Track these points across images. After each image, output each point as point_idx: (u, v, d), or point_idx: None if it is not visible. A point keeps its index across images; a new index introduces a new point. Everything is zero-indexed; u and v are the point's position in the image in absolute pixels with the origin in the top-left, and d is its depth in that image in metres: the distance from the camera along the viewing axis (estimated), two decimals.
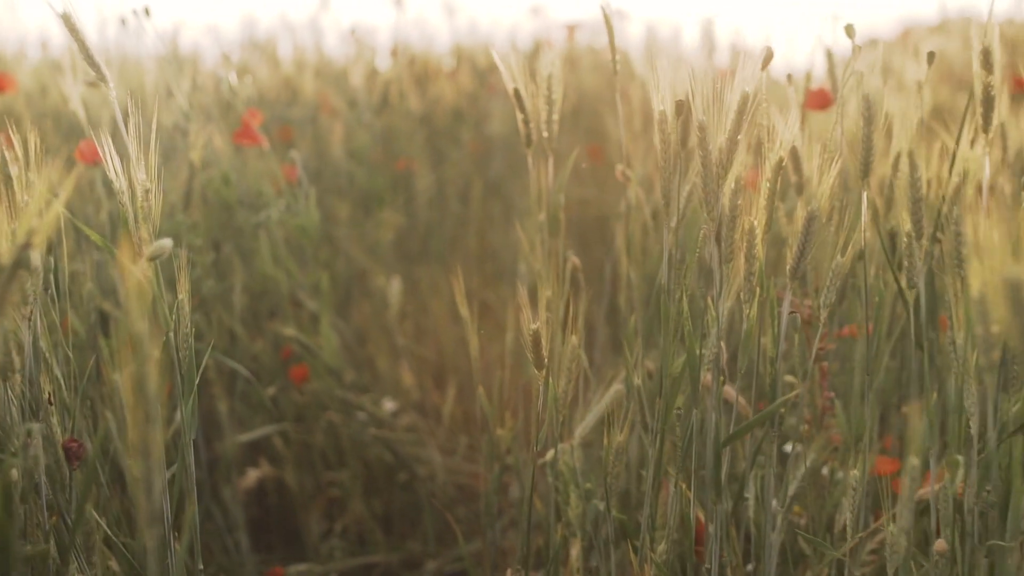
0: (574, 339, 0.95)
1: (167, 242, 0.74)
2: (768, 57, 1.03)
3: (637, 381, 0.94)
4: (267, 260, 1.55)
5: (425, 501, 1.71)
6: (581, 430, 1.10)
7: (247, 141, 1.54)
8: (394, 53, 2.30)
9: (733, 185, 0.81)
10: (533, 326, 0.84)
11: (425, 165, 2.11)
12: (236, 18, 3.12)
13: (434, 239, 2.13)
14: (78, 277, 1.35)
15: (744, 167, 0.81)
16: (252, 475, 1.60)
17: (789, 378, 1.11)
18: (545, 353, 0.86)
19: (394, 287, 1.83)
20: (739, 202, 0.82)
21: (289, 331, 1.51)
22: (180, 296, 0.98)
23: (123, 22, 1.55)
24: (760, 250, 0.83)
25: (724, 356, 0.94)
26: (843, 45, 1.35)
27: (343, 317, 1.87)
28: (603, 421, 1.12)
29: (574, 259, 1.14)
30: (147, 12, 1.54)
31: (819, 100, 1.33)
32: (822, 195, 0.92)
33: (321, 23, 2.58)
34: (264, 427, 1.56)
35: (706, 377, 0.93)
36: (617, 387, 1.11)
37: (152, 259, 0.75)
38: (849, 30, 1.06)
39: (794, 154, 1.11)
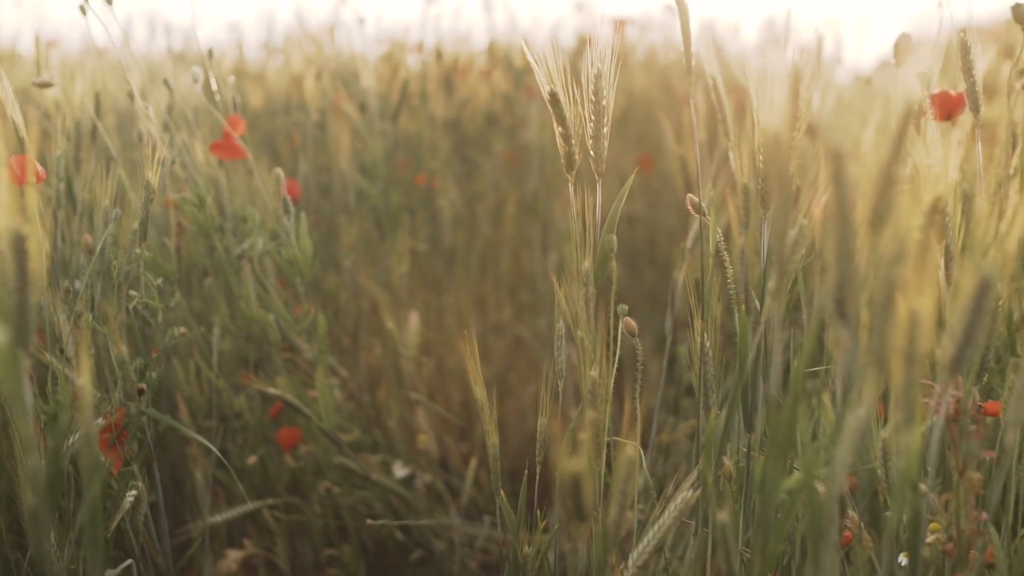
0: (630, 451, 0.67)
1: None
2: (906, 47, 0.73)
3: (722, 515, 0.65)
4: (251, 299, 1.27)
5: None
6: (637, 555, 0.81)
7: (227, 154, 1.26)
8: (418, 49, 2.01)
9: (896, 247, 0.51)
10: (570, 464, 0.55)
11: (450, 178, 1.82)
12: (255, 15, 2.87)
13: (460, 264, 1.84)
14: None
15: (910, 218, 0.52)
16: (232, 556, 1.32)
17: (922, 487, 0.81)
18: (588, 502, 0.57)
19: (410, 325, 1.54)
20: (897, 273, 0.52)
21: (275, 389, 1.22)
22: (81, 380, 0.71)
23: (82, 10, 1.28)
24: (927, 345, 0.53)
25: (847, 484, 0.65)
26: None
27: (350, 360, 1.59)
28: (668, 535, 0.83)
29: (629, 322, 0.85)
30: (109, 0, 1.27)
31: (947, 106, 1.03)
32: (1002, 250, 0.62)
33: (342, 18, 2.31)
34: (248, 502, 1.29)
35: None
36: (684, 495, 0.83)
37: None
38: (1019, 12, 0.77)
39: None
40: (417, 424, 1.54)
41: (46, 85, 1.28)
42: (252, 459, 1.29)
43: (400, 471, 1.43)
